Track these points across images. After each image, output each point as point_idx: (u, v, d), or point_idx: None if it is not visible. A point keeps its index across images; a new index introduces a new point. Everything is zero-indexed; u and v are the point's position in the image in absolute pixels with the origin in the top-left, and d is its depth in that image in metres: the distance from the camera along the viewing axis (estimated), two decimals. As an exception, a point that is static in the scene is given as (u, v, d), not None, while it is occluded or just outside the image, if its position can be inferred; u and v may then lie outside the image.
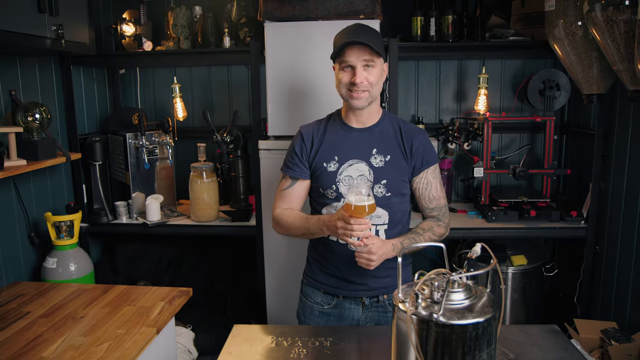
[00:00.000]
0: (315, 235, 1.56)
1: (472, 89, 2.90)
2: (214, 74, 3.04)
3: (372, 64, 1.48)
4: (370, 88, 1.50)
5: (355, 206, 1.35)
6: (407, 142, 1.58)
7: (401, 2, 2.83)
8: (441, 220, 1.63)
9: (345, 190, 1.55)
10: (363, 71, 1.48)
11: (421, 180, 1.59)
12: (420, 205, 1.64)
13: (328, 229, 1.48)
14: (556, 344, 1.38)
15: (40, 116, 2.16)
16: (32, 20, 1.93)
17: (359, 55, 1.47)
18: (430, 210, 1.63)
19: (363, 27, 1.51)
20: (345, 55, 1.48)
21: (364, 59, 1.47)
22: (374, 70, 1.49)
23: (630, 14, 1.67)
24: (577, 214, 2.47)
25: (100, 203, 2.63)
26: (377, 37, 1.53)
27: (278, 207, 1.65)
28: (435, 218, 1.63)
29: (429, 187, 1.60)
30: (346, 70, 1.50)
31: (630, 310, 2.18)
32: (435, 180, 1.61)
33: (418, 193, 1.61)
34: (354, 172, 1.55)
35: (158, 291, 1.86)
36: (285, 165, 1.65)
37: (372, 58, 1.47)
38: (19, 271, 2.26)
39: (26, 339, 1.52)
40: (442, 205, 1.63)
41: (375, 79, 1.50)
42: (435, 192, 1.61)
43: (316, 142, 1.60)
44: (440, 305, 0.94)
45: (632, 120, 2.19)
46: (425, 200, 1.61)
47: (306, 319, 1.69)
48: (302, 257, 1.80)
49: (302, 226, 1.56)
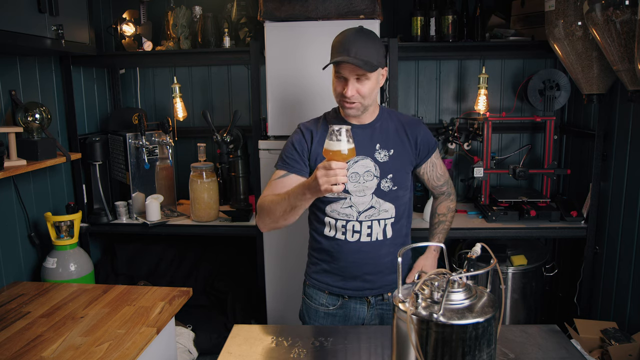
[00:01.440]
0: (298, 207, 1.41)
1: (472, 89, 2.91)
2: (214, 74, 3.04)
3: (366, 78, 1.45)
4: (362, 100, 1.48)
5: (334, 151, 1.26)
6: (412, 135, 1.61)
7: (401, 2, 2.84)
8: (450, 194, 1.78)
9: (352, 186, 1.55)
10: (355, 83, 1.46)
11: (427, 164, 1.67)
12: (430, 186, 1.75)
13: (310, 189, 1.33)
14: (556, 344, 1.38)
15: (40, 116, 2.16)
16: (32, 20, 1.93)
17: (352, 70, 1.44)
18: (440, 187, 1.75)
19: (360, 36, 1.44)
20: (338, 67, 1.46)
21: (357, 73, 1.44)
22: (367, 82, 1.46)
23: (630, 14, 1.67)
24: (577, 214, 2.47)
25: (100, 203, 2.63)
26: (375, 46, 1.46)
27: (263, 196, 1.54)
28: (445, 194, 1.77)
29: (435, 168, 1.69)
30: (340, 80, 1.48)
31: (630, 310, 2.18)
32: (439, 160, 1.70)
33: (426, 176, 1.70)
34: (360, 169, 1.55)
35: (158, 291, 1.86)
36: (282, 161, 1.57)
37: (365, 72, 1.44)
38: (19, 271, 2.26)
39: (26, 339, 1.52)
40: (447, 178, 1.75)
41: (367, 91, 1.47)
42: (441, 169, 1.72)
43: (316, 138, 1.58)
44: (440, 305, 0.94)
45: (632, 120, 2.19)
46: (434, 180, 1.72)
47: (311, 320, 1.68)
48: (302, 257, 1.80)
49: (284, 201, 1.42)
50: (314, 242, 1.68)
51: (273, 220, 1.48)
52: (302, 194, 1.36)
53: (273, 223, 1.49)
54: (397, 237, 1.61)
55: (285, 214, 1.43)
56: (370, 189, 1.56)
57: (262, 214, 1.51)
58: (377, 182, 1.56)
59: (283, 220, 1.46)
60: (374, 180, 1.56)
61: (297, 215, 1.45)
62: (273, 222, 1.49)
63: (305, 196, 1.36)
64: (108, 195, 2.71)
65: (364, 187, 1.55)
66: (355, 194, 1.55)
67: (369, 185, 1.56)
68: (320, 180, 1.26)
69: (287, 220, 1.46)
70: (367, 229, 1.57)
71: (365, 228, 1.56)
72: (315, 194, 1.34)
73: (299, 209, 1.42)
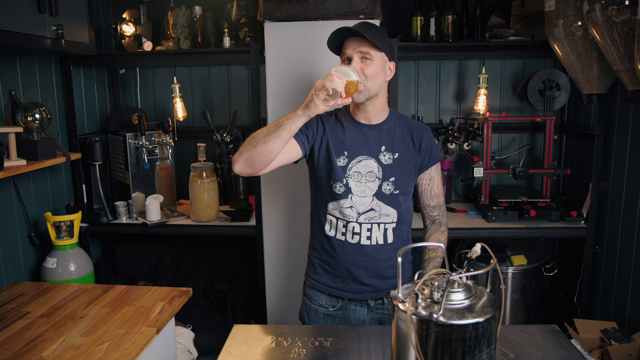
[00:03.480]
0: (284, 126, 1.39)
1: (472, 89, 2.90)
2: (214, 74, 3.04)
3: (370, 57, 1.47)
4: (365, 82, 1.48)
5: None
6: (417, 139, 1.60)
7: (401, 2, 2.84)
8: (442, 225, 1.68)
9: (354, 185, 1.56)
10: (359, 62, 1.48)
11: (425, 176, 1.63)
12: (422, 202, 1.66)
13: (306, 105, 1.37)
14: (556, 344, 1.38)
15: (40, 116, 2.16)
16: (32, 20, 1.93)
17: (355, 47, 1.48)
18: (431, 209, 1.65)
19: (365, 23, 1.50)
20: (344, 47, 1.51)
21: (360, 50, 1.47)
22: (371, 63, 1.48)
23: (630, 14, 1.67)
24: (577, 214, 2.47)
25: (100, 203, 2.63)
26: (380, 33, 1.50)
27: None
28: (435, 223, 1.67)
29: (432, 183, 1.63)
30: (345, 63, 1.52)
31: (630, 310, 2.18)
32: (438, 177, 1.64)
33: (421, 189, 1.64)
34: (362, 169, 1.55)
35: (158, 291, 1.86)
36: None
37: (368, 51, 1.47)
38: (19, 271, 2.26)
39: (26, 339, 1.51)
40: (441, 204, 1.67)
41: (371, 73, 1.48)
42: (437, 188, 1.64)
43: (328, 128, 1.58)
44: (440, 305, 0.94)
45: (632, 120, 2.19)
46: (427, 197, 1.64)
47: (310, 321, 1.68)
48: (302, 257, 1.80)
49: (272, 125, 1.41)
50: (315, 241, 1.67)
51: (251, 146, 1.41)
52: (294, 112, 1.40)
53: (249, 150, 1.41)
54: (398, 242, 1.61)
55: (269, 134, 1.39)
56: (371, 190, 1.56)
57: (242, 146, 1.44)
58: (378, 184, 1.56)
59: (262, 143, 1.39)
60: (376, 182, 1.56)
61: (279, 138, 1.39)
62: (251, 148, 1.41)
63: (296, 113, 1.39)
64: (108, 195, 2.71)
65: (365, 187, 1.55)
66: (357, 193, 1.56)
67: (370, 186, 1.56)
68: (317, 83, 1.34)
69: (266, 144, 1.39)
70: (367, 231, 1.56)
71: (365, 230, 1.56)
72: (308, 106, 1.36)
73: (283, 129, 1.39)
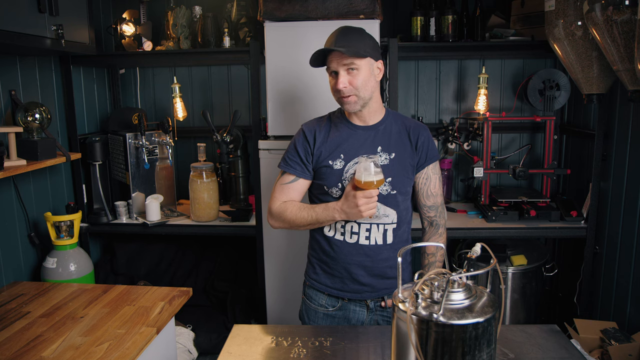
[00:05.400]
0: (323, 223, 1.56)
1: (472, 89, 2.91)
2: (214, 74, 3.04)
3: (355, 67, 1.47)
4: (356, 92, 1.48)
5: (368, 182, 1.42)
6: (414, 137, 1.59)
7: (401, 2, 2.84)
8: (439, 227, 1.66)
9: None
10: (346, 75, 1.47)
11: (421, 175, 1.61)
12: (418, 202, 1.65)
13: (343, 213, 1.49)
14: (556, 344, 1.38)
15: (40, 116, 2.16)
16: (32, 20, 1.93)
17: (339, 61, 1.46)
18: (427, 209, 1.64)
19: (345, 31, 1.48)
20: (328, 62, 1.50)
21: (344, 63, 1.46)
22: (357, 73, 1.47)
23: (630, 14, 1.67)
24: (577, 214, 2.47)
25: (100, 203, 2.63)
26: (360, 37, 1.48)
27: (278, 200, 1.60)
28: (433, 225, 1.66)
29: (428, 182, 1.61)
30: (332, 76, 1.51)
31: (630, 310, 2.18)
32: (435, 176, 1.62)
33: (417, 188, 1.63)
34: None
35: (158, 291, 1.86)
36: (285, 163, 1.61)
37: (352, 61, 1.46)
38: (19, 271, 2.26)
39: (26, 339, 1.52)
40: (439, 204, 1.65)
41: (360, 82, 1.48)
42: (434, 188, 1.62)
43: (319, 138, 1.59)
44: (440, 305, 0.94)
45: (632, 120, 2.19)
46: (423, 196, 1.63)
47: (310, 321, 1.68)
48: (302, 257, 1.80)
49: (309, 216, 1.54)
50: (314, 241, 1.67)
51: (291, 227, 1.60)
52: (331, 216, 1.51)
53: (289, 228, 1.62)
54: (397, 242, 1.60)
55: (308, 225, 1.58)
56: None
57: (280, 219, 1.60)
58: None
59: (302, 229, 1.61)
60: None
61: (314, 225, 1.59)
62: (290, 227, 1.61)
63: (335, 218, 1.52)
64: (108, 195, 2.71)
65: None
66: None
67: None
68: (362, 207, 1.44)
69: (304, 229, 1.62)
70: (366, 231, 1.56)
71: (364, 231, 1.56)
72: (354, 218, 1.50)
73: (323, 224, 1.57)
